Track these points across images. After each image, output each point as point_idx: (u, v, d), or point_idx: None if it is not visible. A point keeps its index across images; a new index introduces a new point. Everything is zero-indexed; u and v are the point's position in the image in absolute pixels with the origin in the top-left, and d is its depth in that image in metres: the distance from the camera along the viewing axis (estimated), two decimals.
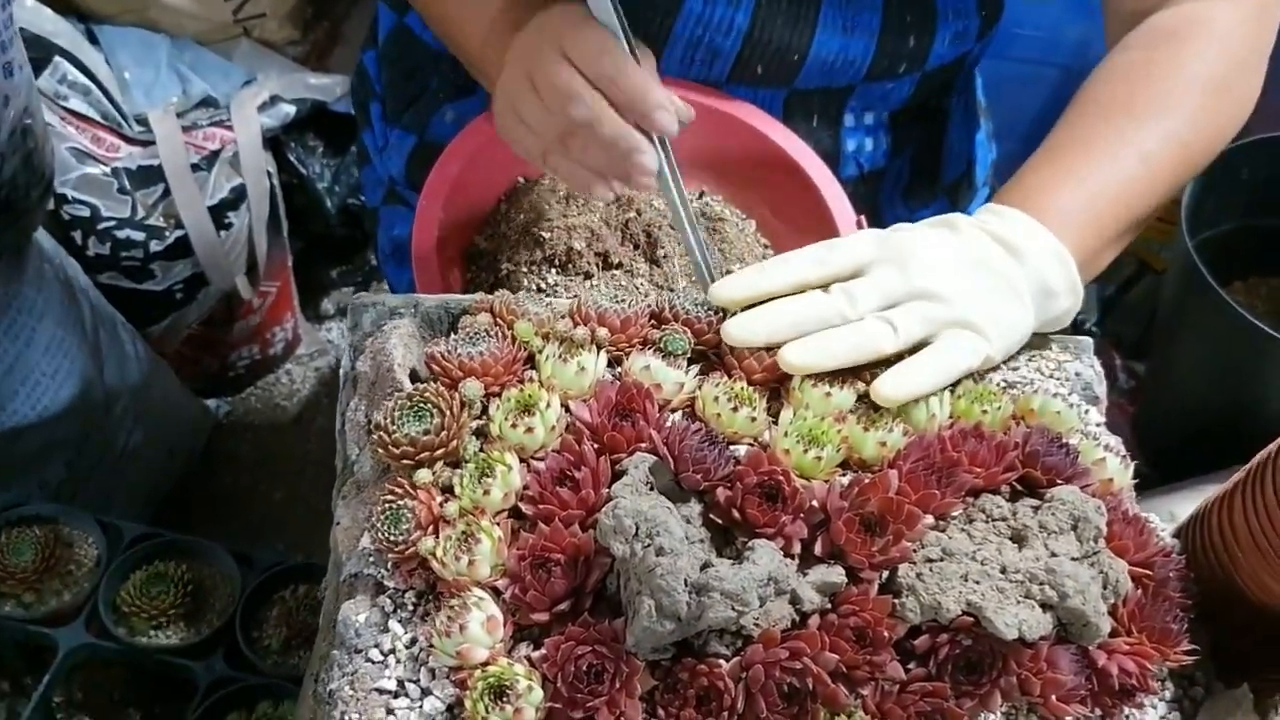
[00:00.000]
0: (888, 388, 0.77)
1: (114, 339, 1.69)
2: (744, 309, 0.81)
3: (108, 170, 1.72)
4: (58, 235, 1.66)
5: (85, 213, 1.70)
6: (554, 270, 1.09)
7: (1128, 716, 0.74)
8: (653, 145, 0.91)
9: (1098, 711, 0.72)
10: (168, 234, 1.77)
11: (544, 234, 1.09)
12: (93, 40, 1.79)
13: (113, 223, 1.72)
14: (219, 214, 1.82)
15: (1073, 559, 0.71)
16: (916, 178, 1.03)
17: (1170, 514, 0.96)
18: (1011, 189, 0.90)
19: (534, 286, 1.08)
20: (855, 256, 0.82)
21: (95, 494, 1.69)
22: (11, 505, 1.46)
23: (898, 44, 1.06)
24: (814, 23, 1.04)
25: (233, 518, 2.01)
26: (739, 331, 0.79)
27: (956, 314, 0.80)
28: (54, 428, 1.58)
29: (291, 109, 1.88)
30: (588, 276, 1.10)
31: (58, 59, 1.71)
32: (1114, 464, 0.81)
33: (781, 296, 0.81)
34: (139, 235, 1.74)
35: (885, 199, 1.14)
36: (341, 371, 0.88)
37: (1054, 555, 0.71)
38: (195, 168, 1.78)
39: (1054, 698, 0.70)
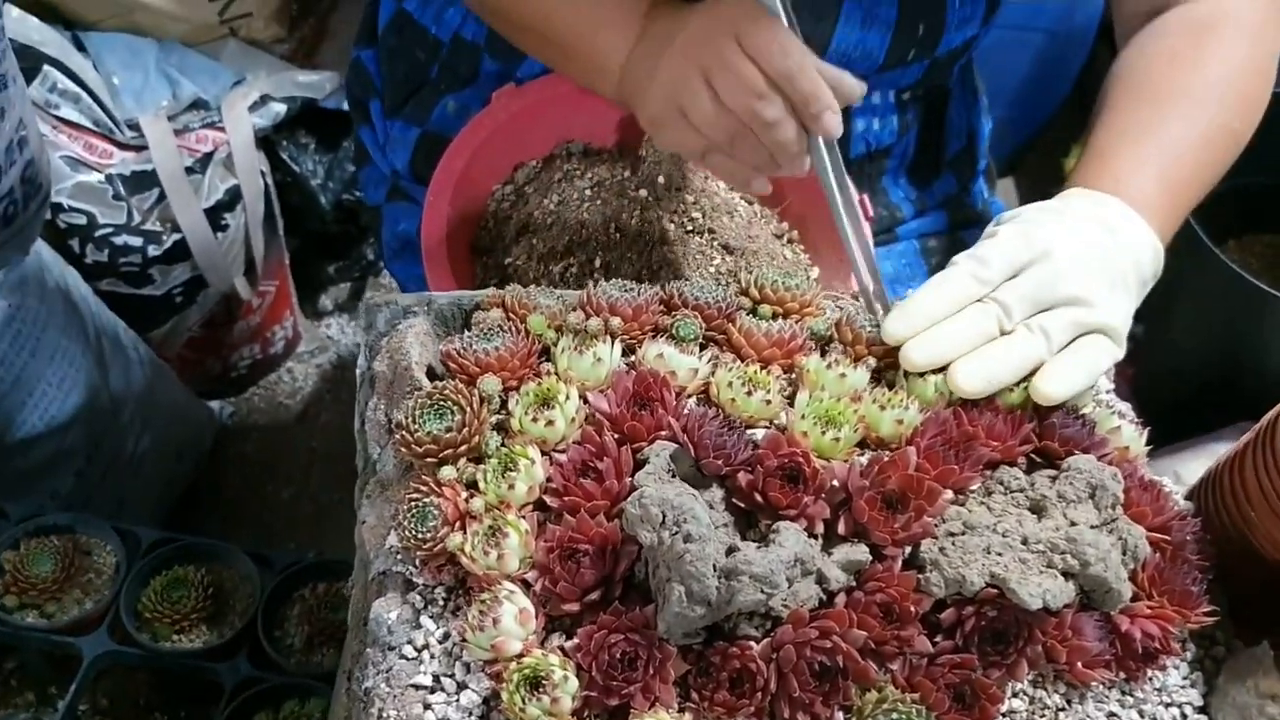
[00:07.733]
0: (1050, 386, 0.80)
1: (117, 345, 1.69)
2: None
3: (102, 177, 1.71)
4: (55, 244, 1.65)
5: (82, 220, 1.70)
6: (559, 260, 1.10)
7: (1152, 678, 0.75)
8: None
9: (1123, 675, 0.74)
10: (165, 238, 1.77)
11: (542, 233, 1.09)
12: (80, 47, 1.78)
13: (110, 229, 1.72)
14: (215, 216, 1.81)
15: (1092, 527, 0.72)
16: (921, 154, 1.04)
17: (1175, 474, 0.97)
18: (1100, 174, 0.92)
19: (542, 279, 1.08)
20: (1009, 264, 0.84)
21: (107, 501, 1.69)
22: (27, 517, 1.46)
23: (911, 34, 1.08)
24: (835, 16, 1.05)
25: (243, 518, 2.01)
26: (920, 355, 0.81)
27: (1098, 319, 0.83)
28: (62, 437, 1.58)
29: (282, 107, 1.88)
30: (593, 272, 1.10)
31: (47, 67, 1.70)
32: (1129, 431, 0.82)
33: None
34: (136, 241, 1.74)
35: (890, 176, 1.15)
36: (358, 371, 0.89)
37: (1073, 524, 0.72)
38: (189, 170, 1.77)
39: (1080, 664, 0.71)
